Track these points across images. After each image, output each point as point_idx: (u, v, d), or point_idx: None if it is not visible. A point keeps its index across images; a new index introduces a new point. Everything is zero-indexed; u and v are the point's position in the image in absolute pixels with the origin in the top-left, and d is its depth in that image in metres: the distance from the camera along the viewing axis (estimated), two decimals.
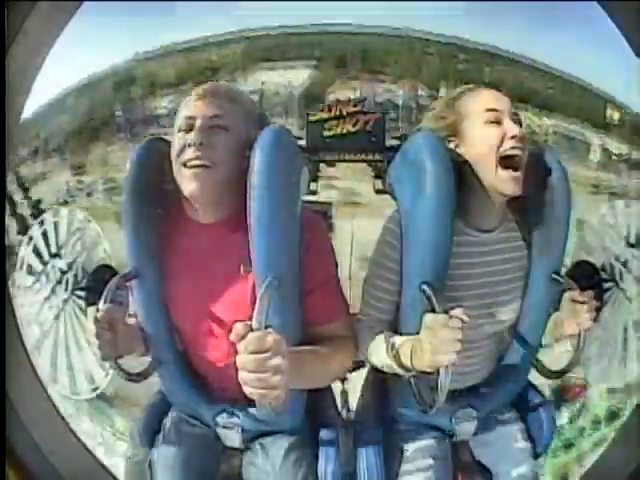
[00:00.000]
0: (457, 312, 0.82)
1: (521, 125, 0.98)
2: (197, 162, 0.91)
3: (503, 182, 0.96)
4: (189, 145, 0.91)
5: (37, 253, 1.29)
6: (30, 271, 1.29)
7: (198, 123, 0.93)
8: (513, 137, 0.95)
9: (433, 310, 0.87)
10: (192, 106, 0.95)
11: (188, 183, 0.91)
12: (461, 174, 0.96)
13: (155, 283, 1.01)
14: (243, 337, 0.71)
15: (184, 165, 0.92)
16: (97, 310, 0.92)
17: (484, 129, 0.96)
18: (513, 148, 0.95)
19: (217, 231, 0.97)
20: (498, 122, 0.96)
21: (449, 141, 1.00)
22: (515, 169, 0.95)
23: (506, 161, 0.96)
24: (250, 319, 0.73)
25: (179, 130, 0.95)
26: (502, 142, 0.95)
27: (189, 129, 0.93)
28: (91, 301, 1.26)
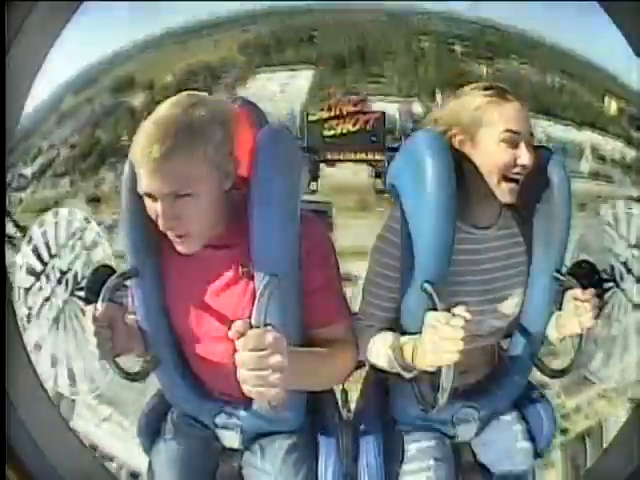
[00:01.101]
0: (459, 310, 0.82)
1: (534, 143, 0.98)
2: (175, 236, 0.89)
3: (500, 192, 0.97)
4: (158, 218, 0.86)
5: (37, 254, 1.28)
6: (30, 272, 1.29)
7: (159, 204, 0.84)
8: (521, 166, 0.96)
9: (435, 309, 0.87)
10: (146, 181, 0.83)
11: (175, 244, 0.91)
12: (460, 171, 0.96)
13: (154, 282, 1.00)
14: (242, 334, 0.71)
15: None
16: (95, 308, 0.92)
17: (498, 147, 0.97)
18: (518, 174, 0.97)
19: (213, 240, 0.97)
20: (512, 144, 0.96)
21: (454, 136, 0.99)
22: (515, 183, 0.97)
23: (508, 178, 0.97)
24: (250, 318, 0.73)
25: (145, 194, 0.87)
26: (508, 166, 0.96)
27: (153, 199, 0.85)
28: (91, 301, 1.26)
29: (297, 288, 0.94)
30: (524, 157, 0.95)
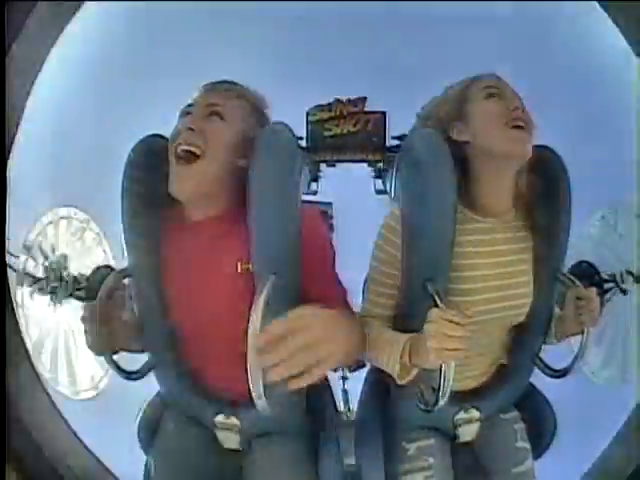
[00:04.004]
0: (460, 308, 0.81)
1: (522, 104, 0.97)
2: (185, 147, 0.90)
3: (512, 142, 0.94)
4: (180, 131, 0.91)
5: (37, 254, 1.29)
6: (30, 272, 1.29)
7: (195, 109, 0.94)
8: (515, 109, 0.94)
9: (437, 306, 0.87)
10: (196, 95, 0.98)
11: (173, 179, 0.90)
12: (466, 161, 0.95)
13: (153, 280, 1.00)
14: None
15: (175, 156, 0.92)
16: (92, 305, 0.91)
17: (486, 103, 0.96)
18: (515, 119, 0.94)
19: (212, 228, 0.96)
20: (498, 95, 0.96)
21: (453, 127, 0.99)
22: (522, 129, 0.95)
23: (513, 126, 0.95)
24: (248, 317, 0.72)
25: (179, 117, 0.95)
26: (505, 113, 0.95)
27: (186, 115, 0.94)
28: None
29: (297, 286, 0.94)
30: (513, 100, 0.94)
